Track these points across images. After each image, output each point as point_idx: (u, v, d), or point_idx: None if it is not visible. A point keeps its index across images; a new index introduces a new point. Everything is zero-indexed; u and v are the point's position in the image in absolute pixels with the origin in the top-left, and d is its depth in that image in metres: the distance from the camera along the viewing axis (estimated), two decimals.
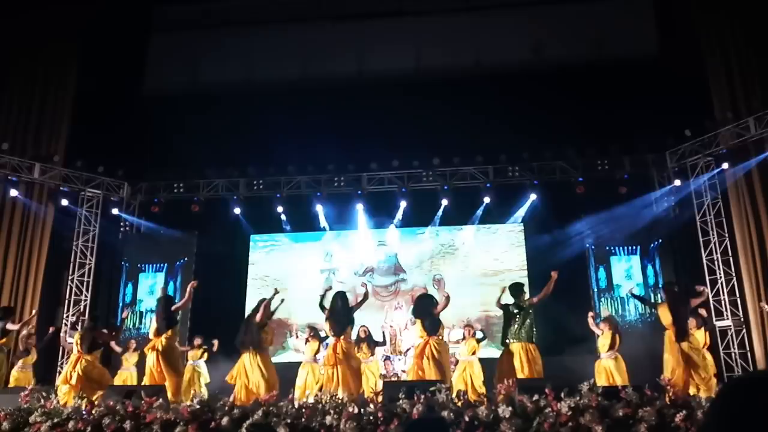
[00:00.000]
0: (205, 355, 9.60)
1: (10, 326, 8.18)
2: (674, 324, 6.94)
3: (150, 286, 12.23)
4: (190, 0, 12.44)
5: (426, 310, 7.03)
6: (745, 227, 10.40)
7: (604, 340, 8.05)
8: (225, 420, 4.80)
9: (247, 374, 6.65)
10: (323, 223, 12.45)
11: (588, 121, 10.87)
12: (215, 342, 9.62)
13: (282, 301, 7.43)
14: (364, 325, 8.86)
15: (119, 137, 11.67)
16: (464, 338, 8.56)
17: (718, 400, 1.03)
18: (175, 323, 7.49)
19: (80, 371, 7.17)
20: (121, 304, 11.94)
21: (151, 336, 7.37)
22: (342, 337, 6.84)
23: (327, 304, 7.18)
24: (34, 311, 9.51)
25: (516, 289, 7.41)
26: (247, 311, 11.98)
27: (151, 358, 7.06)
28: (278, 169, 12.32)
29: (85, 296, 11.87)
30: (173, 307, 7.51)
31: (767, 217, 10.08)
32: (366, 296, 7.24)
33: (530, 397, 4.58)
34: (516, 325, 7.09)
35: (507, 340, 7.13)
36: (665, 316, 7.09)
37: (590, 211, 11.51)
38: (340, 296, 7.14)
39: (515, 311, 7.17)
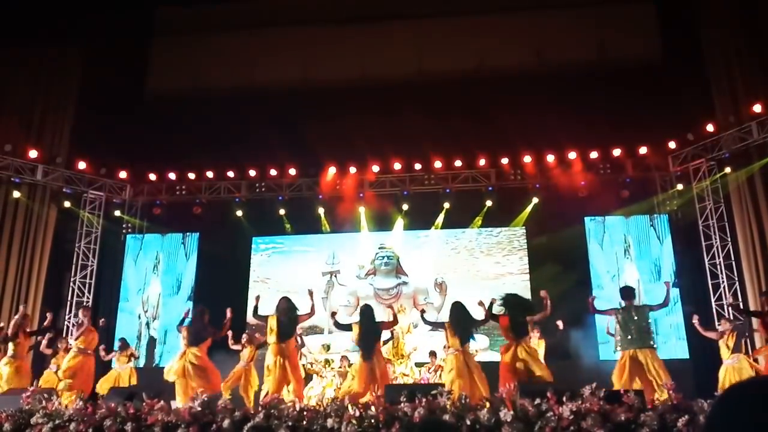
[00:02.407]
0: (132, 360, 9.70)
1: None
2: None
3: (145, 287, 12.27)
4: (193, 3, 12.48)
5: (518, 314, 7.01)
6: (747, 231, 10.40)
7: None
8: (226, 422, 4.79)
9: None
10: (325, 225, 12.46)
11: (590, 125, 10.87)
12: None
13: None
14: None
15: (121, 139, 11.71)
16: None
17: (720, 405, 1.02)
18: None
19: (188, 364, 7.14)
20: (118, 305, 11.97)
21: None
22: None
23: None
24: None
25: (627, 291, 7.26)
26: (248, 313, 12.08)
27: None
28: (280, 172, 12.34)
29: (87, 298, 11.88)
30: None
31: None
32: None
33: (532, 400, 4.58)
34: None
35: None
36: None
37: (592, 214, 11.52)
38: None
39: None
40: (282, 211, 12.37)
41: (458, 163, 12.03)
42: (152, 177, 12.56)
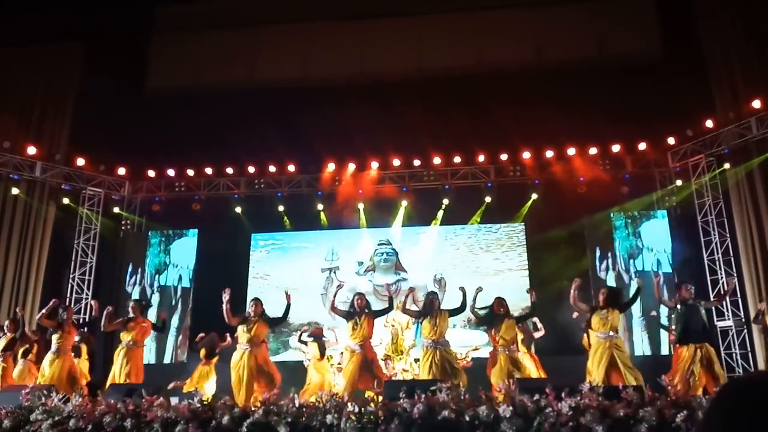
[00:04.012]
0: None
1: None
2: None
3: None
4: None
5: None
6: (746, 227, 10.40)
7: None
8: (225, 419, 4.80)
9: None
10: (324, 221, 12.46)
11: (589, 121, 10.86)
12: None
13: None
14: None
15: (120, 136, 11.69)
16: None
17: (718, 401, 1.02)
18: None
19: (250, 363, 6.82)
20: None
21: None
22: None
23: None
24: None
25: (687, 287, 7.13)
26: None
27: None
28: (279, 168, 12.34)
29: (86, 295, 11.89)
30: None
31: None
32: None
33: (531, 396, 4.58)
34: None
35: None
36: None
37: (591, 210, 11.52)
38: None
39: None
40: (281, 208, 12.37)
41: (457, 159, 12.03)
42: (151, 174, 12.56)
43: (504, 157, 11.91)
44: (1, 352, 7.91)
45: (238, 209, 12.40)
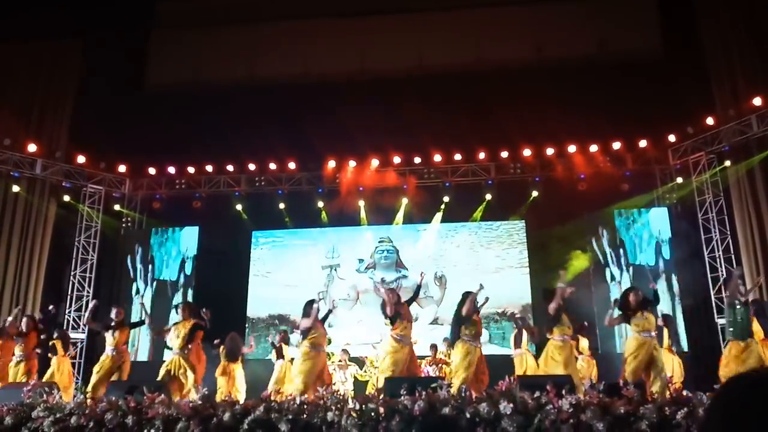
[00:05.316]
0: None
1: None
2: None
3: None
4: None
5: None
6: (747, 225, 10.40)
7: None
8: (227, 416, 4.81)
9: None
10: (325, 219, 12.46)
11: (590, 118, 10.85)
12: None
13: (487, 299, 7.52)
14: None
15: (121, 133, 11.69)
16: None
17: (719, 398, 1.03)
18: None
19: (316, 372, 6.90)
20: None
21: None
22: None
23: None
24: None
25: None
26: (249, 307, 12.07)
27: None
28: (279, 165, 12.34)
29: (87, 292, 11.89)
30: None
31: None
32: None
33: (531, 393, 4.59)
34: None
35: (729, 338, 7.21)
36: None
37: (592, 207, 11.51)
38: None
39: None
40: (282, 205, 12.37)
41: (458, 156, 12.02)
42: (152, 171, 12.55)
43: (504, 154, 11.90)
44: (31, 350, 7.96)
45: (239, 207, 12.41)
